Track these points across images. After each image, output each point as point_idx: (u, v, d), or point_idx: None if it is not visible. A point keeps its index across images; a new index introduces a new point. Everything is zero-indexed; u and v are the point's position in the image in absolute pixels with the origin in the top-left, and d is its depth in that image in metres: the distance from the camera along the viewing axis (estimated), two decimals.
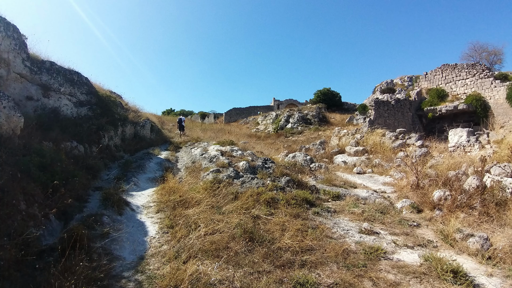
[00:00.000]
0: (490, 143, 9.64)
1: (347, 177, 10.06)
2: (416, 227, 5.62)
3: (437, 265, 3.84)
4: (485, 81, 18.10)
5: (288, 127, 31.04)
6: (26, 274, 3.52)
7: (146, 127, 15.76)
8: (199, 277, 3.58)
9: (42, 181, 5.36)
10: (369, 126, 16.72)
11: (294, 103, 45.24)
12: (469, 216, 5.42)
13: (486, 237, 4.55)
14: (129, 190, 7.34)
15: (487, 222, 5.16)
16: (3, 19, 8.04)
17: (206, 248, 4.32)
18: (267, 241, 4.63)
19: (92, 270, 3.59)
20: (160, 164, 10.79)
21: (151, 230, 5.29)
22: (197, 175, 8.33)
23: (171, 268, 3.75)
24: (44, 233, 4.62)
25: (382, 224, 5.73)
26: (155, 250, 4.53)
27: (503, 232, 4.65)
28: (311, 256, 4.24)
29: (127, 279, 3.73)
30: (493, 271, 3.93)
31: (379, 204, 6.77)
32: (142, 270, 3.95)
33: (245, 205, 6.06)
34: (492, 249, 4.33)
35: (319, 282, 3.66)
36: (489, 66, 20.78)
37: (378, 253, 4.38)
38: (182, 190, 6.93)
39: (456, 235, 4.83)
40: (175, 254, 4.11)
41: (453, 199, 5.88)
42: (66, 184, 5.70)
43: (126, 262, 4.17)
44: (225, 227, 5.01)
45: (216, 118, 48.00)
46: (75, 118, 10.12)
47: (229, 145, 11.66)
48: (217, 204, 6.19)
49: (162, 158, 11.81)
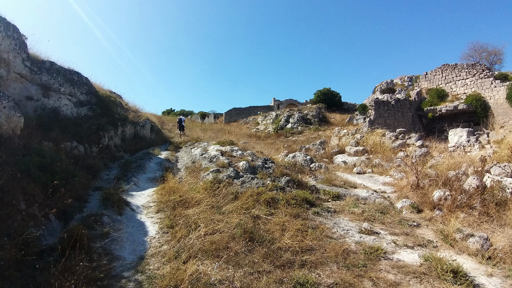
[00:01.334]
0: (490, 143, 9.64)
1: (347, 177, 10.06)
2: (416, 227, 5.62)
3: (437, 265, 3.84)
4: (485, 81, 18.13)
5: (288, 127, 31.03)
6: (26, 274, 3.52)
7: (146, 127, 15.76)
8: (199, 277, 3.58)
9: (42, 181, 5.36)
10: (369, 126, 16.72)
11: (294, 103, 45.24)
12: (469, 216, 5.41)
13: (486, 237, 4.55)
14: (129, 190, 7.34)
15: (487, 222, 5.15)
16: (3, 19, 8.03)
17: (206, 248, 4.32)
18: (267, 241, 4.63)
19: (92, 270, 3.59)
20: (160, 164, 10.79)
21: (151, 230, 5.29)
22: (197, 175, 8.33)
23: (171, 268, 3.75)
24: (44, 233, 4.62)
25: (382, 224, 5.73)
26: (155, 250, 4.53)
27: (503, 232, 4.66)
28: (311, 256, 4.24)
29: (127, 279, 3.73)
30: (493, 271, 3.93)
31: (379, 204, 6.77)
32: (142, 270, 3.95)
33: (245, 205, 6.06)
34: (492, 249, 4.32)
35: (319, 282, 3.66)
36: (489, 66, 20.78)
37: (378, 253, 4.38)
38: (182, 190, 6.93)
39: (456, 235, 4.83)
40: (175, 254, 4.11)
41: (453, 199, 5.87)
42: (66, 184, 5.70)
43: (126, 262, 4.18)
44: (225, 227, 5.01)
45: (216, 118, 48.01)
46: (75, 118, 10.12)
47: (229, 145, 11.66)
48: (217, 204, 6.19)
49: (162, 158, 11.81)
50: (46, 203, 4.99)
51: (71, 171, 6.44)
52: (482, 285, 3.65)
